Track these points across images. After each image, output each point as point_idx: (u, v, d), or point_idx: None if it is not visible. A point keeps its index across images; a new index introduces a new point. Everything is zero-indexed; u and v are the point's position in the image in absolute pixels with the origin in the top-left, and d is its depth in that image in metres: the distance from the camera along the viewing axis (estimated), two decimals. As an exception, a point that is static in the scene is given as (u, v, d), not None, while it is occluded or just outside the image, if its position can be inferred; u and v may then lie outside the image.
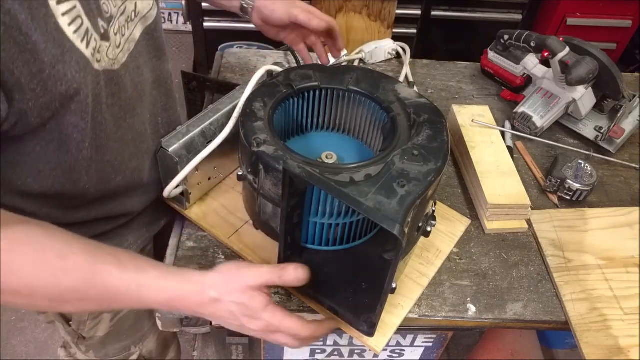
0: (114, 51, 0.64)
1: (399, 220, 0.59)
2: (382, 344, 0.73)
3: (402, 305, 0.78)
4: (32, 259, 0.54)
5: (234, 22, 2.06)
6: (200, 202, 0.87)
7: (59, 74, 0.54)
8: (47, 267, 0.55)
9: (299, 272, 0.62)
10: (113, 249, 0.60)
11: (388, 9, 1.62)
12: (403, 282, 0.80)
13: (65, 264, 0.56)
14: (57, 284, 0.55)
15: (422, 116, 0.76)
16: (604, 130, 1.06)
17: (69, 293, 0.57)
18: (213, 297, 0.61)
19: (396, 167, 0.67)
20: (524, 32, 1.08)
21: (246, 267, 0.64)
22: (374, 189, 0.63)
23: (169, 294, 0.60)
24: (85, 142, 0.63)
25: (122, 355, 0.96)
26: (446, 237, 0.88)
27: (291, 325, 0.62)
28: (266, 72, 0.84)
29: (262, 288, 0.63)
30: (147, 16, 0.72)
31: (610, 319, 0.78)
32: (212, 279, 0.62)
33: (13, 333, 1.72)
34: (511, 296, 0.82)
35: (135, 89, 0.70)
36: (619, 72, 1.02)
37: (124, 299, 0.59)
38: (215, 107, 0.85)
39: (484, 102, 1.17)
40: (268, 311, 0.61)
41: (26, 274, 0.54)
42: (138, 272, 0.59)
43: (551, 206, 0.97)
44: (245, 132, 0.72)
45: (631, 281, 0.84)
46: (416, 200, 0.63)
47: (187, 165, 0.79)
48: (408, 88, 0.82)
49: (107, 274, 0.57)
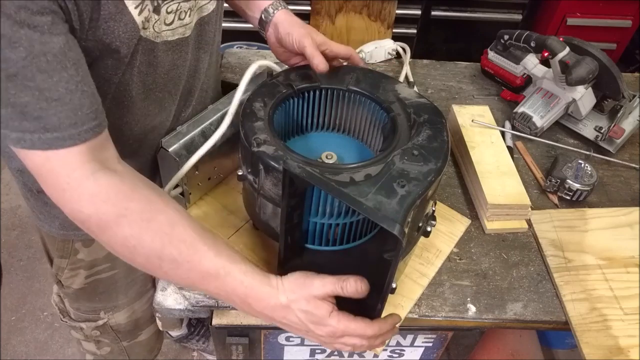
0: (160, 26, 0.68)
1: (399, 220, 0.59)
2: (382, 344, 0.73)
3: (402, 305, 0.78)
4: (147, 215, 0.60)
5: (234, 22, 2.05)
6: (201, 202, 0.87)
7: (109, 28, 0.60)
8: (157, 229, 0.60)
9: (359, 285, 0.64)
10: (215, 235, 0.66)
11: (388, 9, 1.62)
12: (403, 282, 0.80)
13: (173, 232, 0.61)
14: (161, 248, 0.60)
15: (422, 116, 0.76)
16: (604, 130, 1.06)
17: (166, 259, 0.61)
18: (283, 304, 0.64)
19: (396, 167, 0.67)
20: (524, 32, 1.08)
21: (312, 277, 0.65)
22: (374, 189, 0.63)
23: (248, 290, 0.64)
24: (108, 95, 0.68)
25: (91, 315, 1.00)
26: (446, 237, 0.88)
27: (356, 326, 0.64)
28: (260, 67, 0.84)
29: (327, 297, 0.65)
30: (203, 8, 0.75)
31: (610, 319, 0.78)
32: (284, 286, 0.65)
33: (13, 333, 1.72)
34: (511, 296, 0.82)
35: (173, 68, 0.75)
36: (619, 72, 1.02)
37: (210, 280, 0.63)
38: (215, 107, 0.85)
39: (484, 102, 1.17)
40: (333, 317, 0.64)
41: (139, 226, 0.59)
42: (230, 262, 0.63)
43: (551, 206, 0.97)
44: (245, 132, 0.71)
45: (631, 281, 0.84)
46: (416, 200, 0.63)
47: (185, 165, 0.79)
48: (408, 88, 0.82)
49: (204, 254, 0.62)
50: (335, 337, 0.66)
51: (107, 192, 0.59)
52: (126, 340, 1.08)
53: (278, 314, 0.65)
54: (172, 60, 0.74)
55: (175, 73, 0.76)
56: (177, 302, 0.77)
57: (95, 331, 1.02)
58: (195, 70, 0.81)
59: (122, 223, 0.59)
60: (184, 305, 0.77)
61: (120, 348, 1.08)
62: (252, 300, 0.64)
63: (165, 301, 0.77)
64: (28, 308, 1.78)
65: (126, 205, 0.59)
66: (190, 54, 0.77)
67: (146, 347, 1.14)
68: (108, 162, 0.61)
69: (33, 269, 1.88)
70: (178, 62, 0.75)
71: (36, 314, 1.77)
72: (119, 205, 0.59)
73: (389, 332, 0.69)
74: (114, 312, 1.01)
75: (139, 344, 1.11)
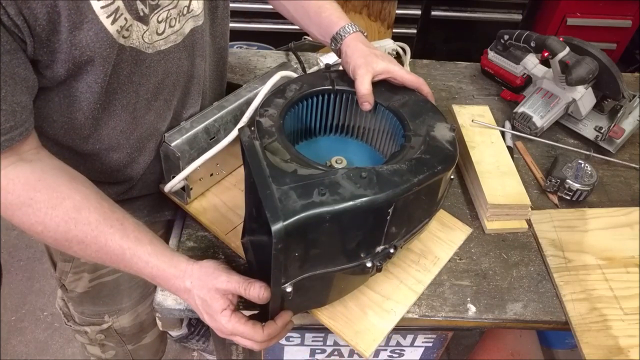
0: (151, 36, 0.70)
1: (282, 218, 0.56)
2: (371, 348, 0.73)
3: (395, 311, 0.77)
4: (53, 203, 0.64)
5: (234, 22, 2.05)
6: (201, 197, 0.87)
7: (75, 38, 0.62)
8: (62, 213, 0.64)
9: (262, 292, 0.65)
10: (125, 217, 0.68)
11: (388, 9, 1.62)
12: (398, 288, 0.80)
13: (78, 216, 0.64)
14: (66, 230, 0.64)
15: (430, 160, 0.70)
16: (604, 130, 1.06)
17: (73, 240, 0.65)
18: (187, 287, 0.68)
19: (335, 177, 0.63)
20: (524, 32, 1.08)
21: (221, 270, 0.68)
22: (295, 184, 0.61)
23: (154, 271, 0.67)
24: (98, 104, 0.70)
25: (95, 319, 1.00)
26: (445, 245, 0.87)
27: (244, 330, 0.67)
28: (282, 78, 0.83)
29: (227, 294, 0.67)
30: (199, 15, 0.76)
31: (610, 319, 0.78)
32: (192, 271, 0.68)
33: (13, 333, 1.72)
34: (511, 296, 0.82)
35: (167, 76, 0.76)
36: (619, 72, 1.02)
37: (118, 260, 0.67)
38: (220, 105, 0.85)
39: (484, 102, 1.17)
40: (225, 315, 0.66)
41: (44, 213, 0.63)
42: (136, 243, 0.67)
43: (551, 206, 0.97)
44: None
45: (631, 281, 0.84)
46: (325, 214, 0.59)
47: (191, 165, 0.79)
48: (448, 130, 0.75)
49: (109, 236, 0.66)
50: (224, 334, 0.68)
51: (14, 184, 0.63)
52: (131, 343, 1.08)
53: (182, 295, 0.70)
54: (165, 68, 0.74)
55: (169, 81, 0.76)
56: (177, 302, 0.77)
57: (100, 335, 1.02)
58: (191, 76, 0.81)
59: (27, 212, 0.63)
60: (184, 305, 0.76)
61: (125, 351, 1.08)
62: (160, 280, 0.69)
63: (165, 301, 0.77)
64: (28, 308, 1.78)
65: (31, 196, 0.63)
66: (184, 60, 0.77)
67: (150, 349, 1.14)
68: (25, 154, 0.65)
69: (33, 269, 1.88)
70: (172, 69, 0.76)
71: (36, 314, 1.77)
72: (23, 196, 0.63)
73: (280, 333, 0.70)
74: (118, 315, 1.00)
75: (144, 346, 1.11)
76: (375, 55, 0.79)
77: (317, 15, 0.86)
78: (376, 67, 0.78)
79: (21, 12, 0.57)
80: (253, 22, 2.00)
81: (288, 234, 0.57)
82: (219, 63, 0.90)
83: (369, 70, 0.77)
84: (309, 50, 1.27)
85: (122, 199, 0.86)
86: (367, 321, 0.76)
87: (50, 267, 0.98)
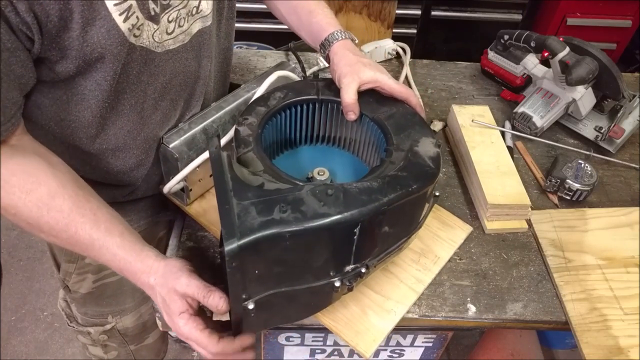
0: (161, 35, 0.70)
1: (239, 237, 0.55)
2: (371, 348, 0.73)
3: (395, 310, 0.77)
4: (28, 188, 0.64)
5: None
6: (201, 198, 0.87)
7: (86, 35, 0.62)
8: (35, 199, 0.64)
9: (220, 302, 0.64)
10: (100, 207, 0.68)
11: (388, 9, 1.62)
12: (398, 287, 0.80)
13: (51, 202, 0.65)
14: (38, 216, 0.64)
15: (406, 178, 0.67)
16: (604, 130, 1.06)
17: (45, 226, 0.65)
18: (150, 284, 0.68)
19: (300, 193, 0.61)
20: (524, 32, 1.08)
21: (184, 272, 0.67)
22: (256, 200, 0.59)
23: (121, 264, 0.67)
24: (106, 102, 0.70)
25: (98, 320, 1.00)
26: (445, 244, 0.87)
27: (198, 337, 0.65)
28: (278, 77, 0.83)
29: (186, 297, 0.66)
30: (207, 16, 0.76)
31: (610, 319, 0.78)
32: (157, 268, 0.67)
33: (13, 333, 1.72)
34: (511, 296, 0.82)
35: (175, 76, 0.76)
36: (619, 72, 1.02)
37: (87, 250, 0.67)
38: (219, 105, 0.85)
39: (484, 102, 1.17)
40: (182, 318, 0.66)
41: (17, 197, 0.64)
42: (106, 234, 0.66)
43: (551, 206, 0.97)
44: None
45: (631, 281, 0.84)
46: (284, 233, 0.57)
47: (189, 166, 0.79)
48: (433, 146, 0.72)
49: (80, 225, 0.66)
50: (181, 337, 0.67)
51: None
52: (133, 343, 1.07)
53: (147, 291, 0.69)
54: (173, 68, 0.75)
55: (177, 81, 0.77)
56: (177, 302, 0.77)
57: (103, 335, 1.02)
58: (197, 77, 0.81)
59: (2, 195, 0.64)
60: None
61: (128, 352, 1.08)
62: (127, 274, 0.68)
63: (165, 301, 0.77)
64: (28, 308, 1.78)
65: (7, 179, 0.63)
66: (191, 61, 0.77)
67: (153, 350, 1.13)
68: (7, 139, 0.65)
69: (33, 269, 1.88)
70: (179, 69, 0.76)
71: (36, 314, 1.77)
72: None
73: (237, 354, 0.68)
74: (122, 315, 1.00)
75: (146, 347, 1.10)
76: (362, 63, 0.77)
77: (308, 20, 0.85)
78: (363, 76, 0.76)
79: (32, 8, 0.57)
80: (253, 22, 2.00)
81: (243, 252, 0.55)
82: (223, 64, 0.90)
83: (355, 79, 0.75)
84: (309, 50, 1.27)
85: (125, 201, 0.86)
86: (367, 321, 0.76)
87: (53, 268, 0.98)
